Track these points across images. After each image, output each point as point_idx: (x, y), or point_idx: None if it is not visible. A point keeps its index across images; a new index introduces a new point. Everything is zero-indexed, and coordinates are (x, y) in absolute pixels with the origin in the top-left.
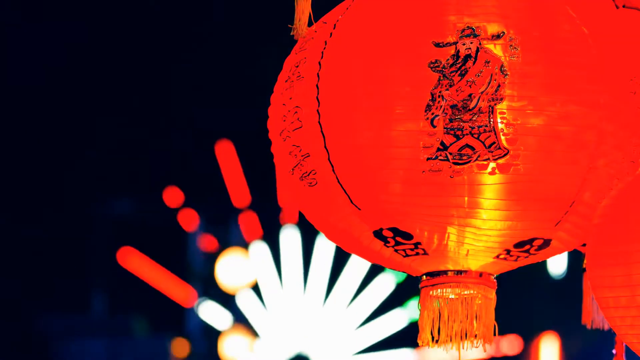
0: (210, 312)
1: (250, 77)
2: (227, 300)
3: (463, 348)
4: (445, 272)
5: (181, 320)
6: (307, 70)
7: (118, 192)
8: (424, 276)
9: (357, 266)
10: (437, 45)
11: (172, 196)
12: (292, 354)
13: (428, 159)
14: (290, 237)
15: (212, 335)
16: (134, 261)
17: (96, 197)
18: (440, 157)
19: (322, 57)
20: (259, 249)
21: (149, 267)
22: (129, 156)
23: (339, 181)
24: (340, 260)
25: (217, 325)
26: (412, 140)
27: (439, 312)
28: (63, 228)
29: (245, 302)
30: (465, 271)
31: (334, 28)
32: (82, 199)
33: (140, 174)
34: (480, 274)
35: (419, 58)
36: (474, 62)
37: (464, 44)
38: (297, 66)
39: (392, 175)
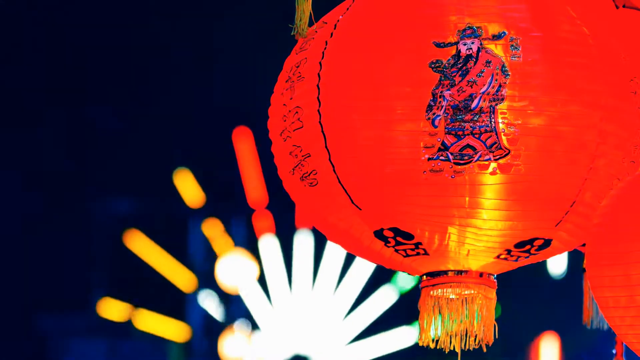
0: (211, 312)
1: (251, 74)
2: (227, 300)
3: (463, 347)
4: (445, 272)
5: (181, 320)
6: (308, 70)
7: (118, 192)
8: (425, 276)
9: (335, 257)
10: (438, 45)
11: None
12: (292, 353)
13: (429, 159)
14: (299, 239)
15: (212, 335)
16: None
17: (97, 196)
18: (441, 157)
19: (322, 58)
20: (259, 248)
21: (153, 250)
22: (127, 156)
23: (339, 181)
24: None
25: (217, 325)
26: (413, 140)
27: (439, 312)
28: (63, 227)
29: (245, 302)
30: (466, 271)
31: (335, 28)
32: (82, 198)
33: (139, 174)
34: (481, 274)
35: (420, 58)
36: (475, 62)
37: (465, 44)
38: (297, 66)
39: (393, 175)
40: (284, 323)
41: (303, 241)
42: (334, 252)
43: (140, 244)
